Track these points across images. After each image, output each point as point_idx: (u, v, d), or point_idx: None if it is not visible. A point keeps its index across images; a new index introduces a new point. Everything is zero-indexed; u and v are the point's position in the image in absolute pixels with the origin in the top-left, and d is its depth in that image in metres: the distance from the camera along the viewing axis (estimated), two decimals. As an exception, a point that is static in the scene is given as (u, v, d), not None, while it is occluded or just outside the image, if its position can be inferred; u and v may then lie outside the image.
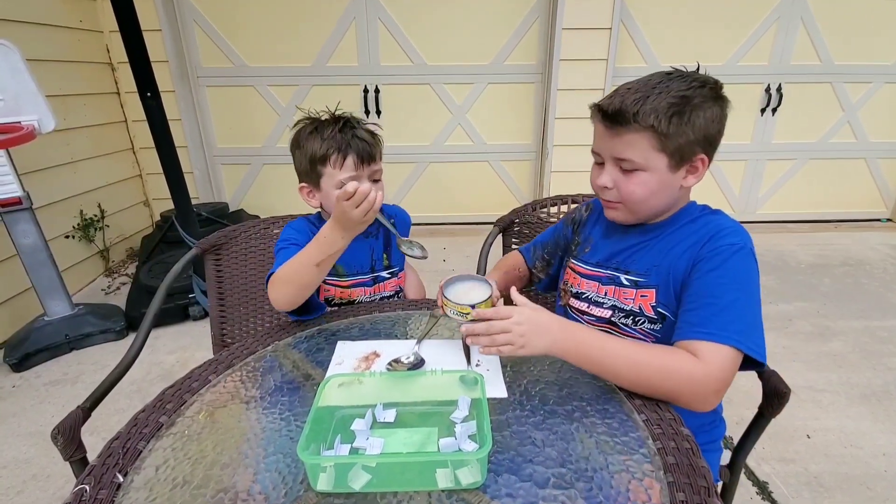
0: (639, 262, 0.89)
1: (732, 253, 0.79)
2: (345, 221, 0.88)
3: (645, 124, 0.77)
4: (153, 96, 2.14)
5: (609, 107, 0.80)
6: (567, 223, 1.10)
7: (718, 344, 0.73)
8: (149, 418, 0.74)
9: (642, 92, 0.78)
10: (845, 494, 1.46)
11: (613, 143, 0.82)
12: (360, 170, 1.05)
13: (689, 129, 0.78)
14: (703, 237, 0.83)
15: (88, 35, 2.97)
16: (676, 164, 0.82)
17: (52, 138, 2.35)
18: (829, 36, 3.30)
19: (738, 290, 0.77)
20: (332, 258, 0.94)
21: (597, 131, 0.86)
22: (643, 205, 0.85)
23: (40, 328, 2.20)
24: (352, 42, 3.27)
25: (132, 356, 1.06)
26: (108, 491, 0.61)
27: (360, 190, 0.84)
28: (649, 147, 0.79)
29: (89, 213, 2.90)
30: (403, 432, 0.71)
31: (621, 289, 0.91)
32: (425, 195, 3.69)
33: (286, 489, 0.61)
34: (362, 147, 1.04)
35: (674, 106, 0.77)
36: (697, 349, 0.73)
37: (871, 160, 3.64)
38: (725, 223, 0.85)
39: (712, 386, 0.72)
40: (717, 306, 0.76)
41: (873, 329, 2.32)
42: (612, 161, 0.84)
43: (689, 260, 0.82)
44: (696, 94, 0.78)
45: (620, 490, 0.59)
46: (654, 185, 0.82)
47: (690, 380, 0.72)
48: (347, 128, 1.06)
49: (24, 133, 1.88)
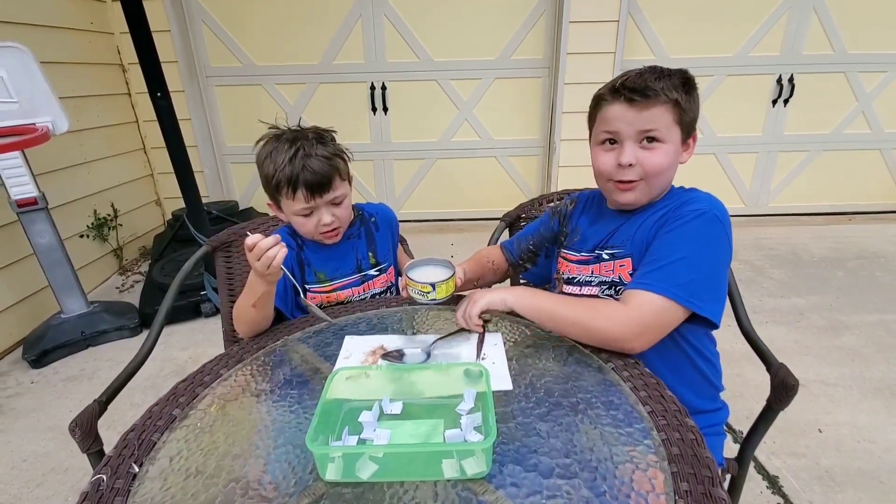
0: (618, 237, 0.96)
1: (694, 217, 0.85)
2: (254, 268, 0.90)
3: (671, 97, 0.85)
4: (163, 96, 2.17)
5: (635, 84, 0.86)
6: (552, 215, 1.15)
7: (647, 291, 0.81)
8: (162, 411, 0.76)
9: (656, 73, 0.86)
10: (858, 489, 1.44)
11: (640, 117, 0.86)
12: (312, 201, 1.03)
13: (695, 105, 0.89)
14: (673, 206, 0.90)
15: (99, 37, 3.01)
16: (684, 139, 0.90)
17: (66, 139, 2.39)
18: (842, 24, 3.23)
19: (690, 248, 0.82)
20: (263, 300, 0.95)
21: (613, 113, 0.89)
22: (662, 178, 0.90)
23: (57, 325, 2.25)
24: (358, 39, 3.28)
25: (146, 352, 1.08)
26: (124, 480, 0.63)
27: (258, 245, 0.86)
28: (671, 120, 0.87)
29: (103, 213, 2.96)
30: (410, 424, 0.72)
31: (603, 264, 0.97)
32: (433, 191, 3.69)
33: (296, 479, 0.63)
34: (313, 178, 1.00)
35: (685, 84, 0.87)
36: (630, 296, 0.82)
37: (886, 151, 3.57)
38: (697, 194, 0.91)
39: (632, 326, 0.80)
40: (663, 263, 0.82)
41: (888, 322, 2.28)
42: (634, 136, 0.88)
43: (658, 226, 0.89)
44: (690, 77, 0.89)
45: (624, 480, 0.60)
46: (672, 156, 0.89)
47: (609, 318, 0.81)
48: (299, 156, 1.00)
49: (38, 134, 1.92)
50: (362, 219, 1.22)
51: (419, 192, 3.69)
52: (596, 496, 0.58)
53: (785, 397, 0.89)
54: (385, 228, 1.25)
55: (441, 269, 0.97)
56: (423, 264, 0.97)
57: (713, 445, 0.97)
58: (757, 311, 2.43)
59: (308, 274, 1.15)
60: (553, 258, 1.14)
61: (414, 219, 3.69)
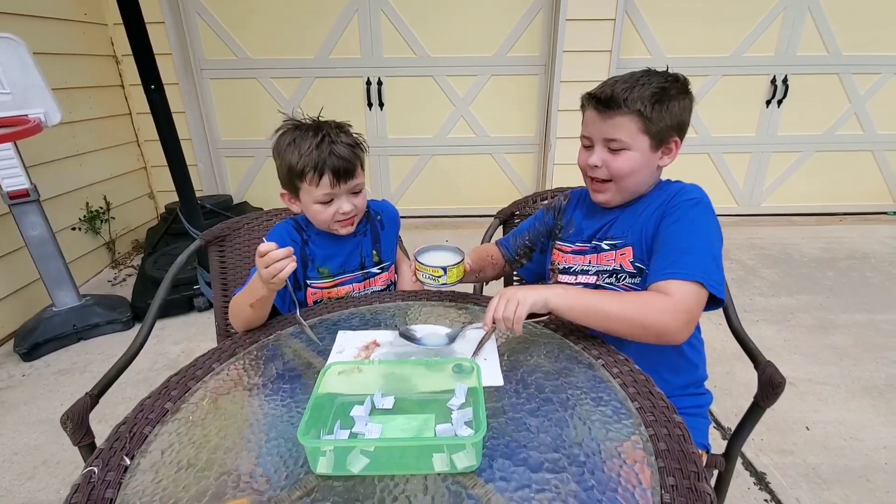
0: (616, 229, 1.01)
1: (691, 206, 0.92)
2: (260, 274, 0.90)
3: (633, 108, 0.90)
4: (157, 89, 2.15)
5: (602, 94, 0.93)
6: (547, 211, 1.20)
7: (683, 281, 0.84)
8: (154, 404, 0.76)
9: (629, 83, 0.92)
10: (844, 486, 1.46)
11: (605, 125, 0.94)
12: (337, 187, 1.04)
13: (668, 115, 0.92)
14: (666, 197, 0.96)
15: (93, 28, 2.98)
16: (656, 146, 0.94)
17: (58, 131, 2.37)
18: (836, 26, 3.26)
19: (696, 235, 0.89)
20: (261, 302, 0.95)
21: (588, 118, 0.98)
22: (628, 179, 0.96)
23: (49, 318, 2.24)
24: (354, 34, 3.27)
25: (138, 346, 1.08)
26: (115, 473, 0.63)
27: (270, 254, 0.86)
28: (635, 129, 0.92)
29: (95, 206, 2.93)
30: (402, 419, 0.73)
31: (602, 254, 1.01)
32: (429, 188, 3.69)
33: (287, 472, 0.63)
34: (339, 164, 1.02)
35: (655, 95, 0.91)
36: (666, 287, 0.84)
37: (878, 152, 3.60)
38: (685, 185, 0.98)
39: (681, 317, 0.82)
40: (680, 250, 0.87)
41: (877, 322, 2.31)
42: (602, 142, 0.96)
43: (657, 217, 0.94)
44: (672, 87, 0.93)
45: (612, 475, 0.60)
46: (638, 162, 0.94)
47: (661, 311, 0.82)
48: (325, 142, 1.02)
49: (31, 126, 1.90)
50: (368, 216, 1.22)
51: (414, 189, 3.69)
52: (584, 490, 0.58)
53: (772, 394, 0.90)
54: (390, 227, 1.25)
55: (451, 254, 1.00)
56: (433, 249, 1.00)
57: (696, 426, 1.01)
58: (748, 309, 2.45)
59: (311, 269, 1.14)
60: (547, 252, 1.17)
61: (409, 215, 3.67)
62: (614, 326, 0.84)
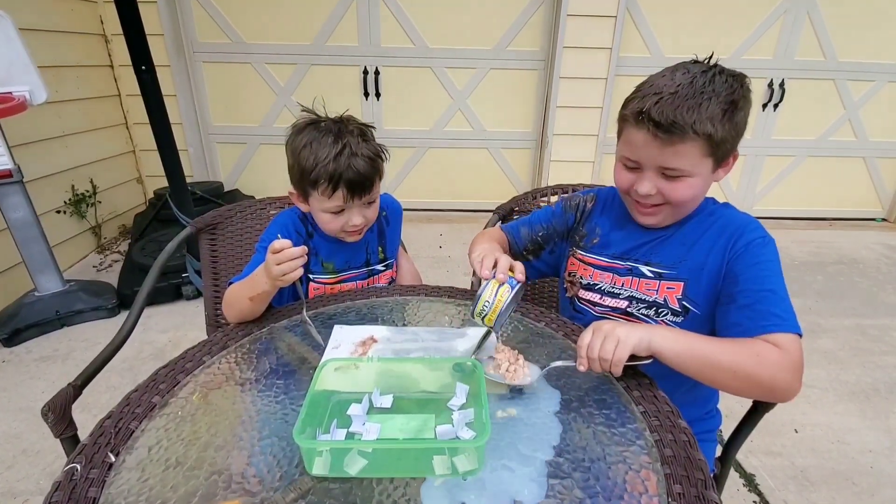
0: (661, 254, 0.91)
1: (764, 245, 0.84)
2: (269, 270, 0.86)
3: (701, 132, 0.76)
4: (147, 70, 2.09)
5: (663, 118, 0.76)
6: (567, 209, 1.05)
7: (788, 333, 0.76)
8: (141, 398, 0.73)
9: (693, 99, 0.76)
10: (831, 489, 1.48)
11: (663, 153, 0.79)
12: (350, 202, 0.99)
13: (734, 130, 0.80)
14: (731, 234, 0.86)
15: (82, 5, 2.88)
16: (718, 165, 0.83)
17: (44, 110, 2.29)
18: (834, 32, 3.27)
19: (778, 278, 0.81)
20: (262, 297, 0.91)
21: (637, 139, 0.81)
22: (689, 206, 0.87)
23: (31, 304, 2.17)
24: (352, 21, 3.20)
25: (124, 334, 1.04)
26: (99, 470, 0.60)
27: (285, 252, 0.83)
28: (699, 154, 0.79)
29: (81, 189, 2.86)
30: (400, 418, 0.71)
31: (643, 280, 0.91)
32: (423, 180, 3.65)
33: (281, 472, 0.61)
34: (356, 179, 0.96)
35: (726, 113, 0.77)
36: (776, 340, 0.75)
37: (869, 159, 3.64)
38: (742, 217, 0.89)
39: (797, 374, 0.74)
40: (773, 296, 0.79)
41: (864, 327, 2.34)
42: (656, 169, 0.82)
43: (722, 256, 0.85)
44: (738, 94, 0.79)
45: (617, 481, 0.59)
46: (699, 188, 0.84)
47: (780, 368, 0.73)
48: (345, 153, 0.94)
49: (15, 104, 1.84)
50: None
51: (409, 181, 3.64)
52: (589, 497, 0.57)
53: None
54: (395, 223, 1.21)
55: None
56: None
57: (705, 452, 0.97)
58: (739, 311, 2.47)
59: (314, 263, 1.10)
60: (559, 256, 1.07)
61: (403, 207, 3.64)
62: (721, 378, 0.74)
